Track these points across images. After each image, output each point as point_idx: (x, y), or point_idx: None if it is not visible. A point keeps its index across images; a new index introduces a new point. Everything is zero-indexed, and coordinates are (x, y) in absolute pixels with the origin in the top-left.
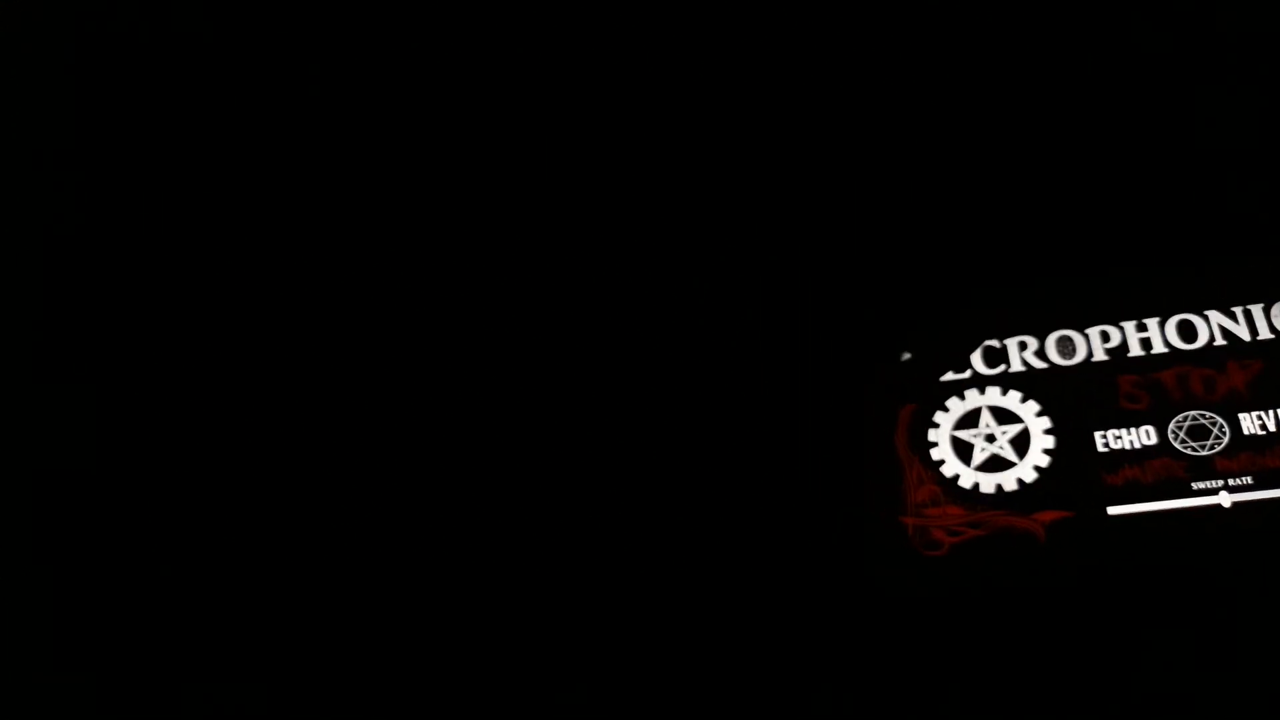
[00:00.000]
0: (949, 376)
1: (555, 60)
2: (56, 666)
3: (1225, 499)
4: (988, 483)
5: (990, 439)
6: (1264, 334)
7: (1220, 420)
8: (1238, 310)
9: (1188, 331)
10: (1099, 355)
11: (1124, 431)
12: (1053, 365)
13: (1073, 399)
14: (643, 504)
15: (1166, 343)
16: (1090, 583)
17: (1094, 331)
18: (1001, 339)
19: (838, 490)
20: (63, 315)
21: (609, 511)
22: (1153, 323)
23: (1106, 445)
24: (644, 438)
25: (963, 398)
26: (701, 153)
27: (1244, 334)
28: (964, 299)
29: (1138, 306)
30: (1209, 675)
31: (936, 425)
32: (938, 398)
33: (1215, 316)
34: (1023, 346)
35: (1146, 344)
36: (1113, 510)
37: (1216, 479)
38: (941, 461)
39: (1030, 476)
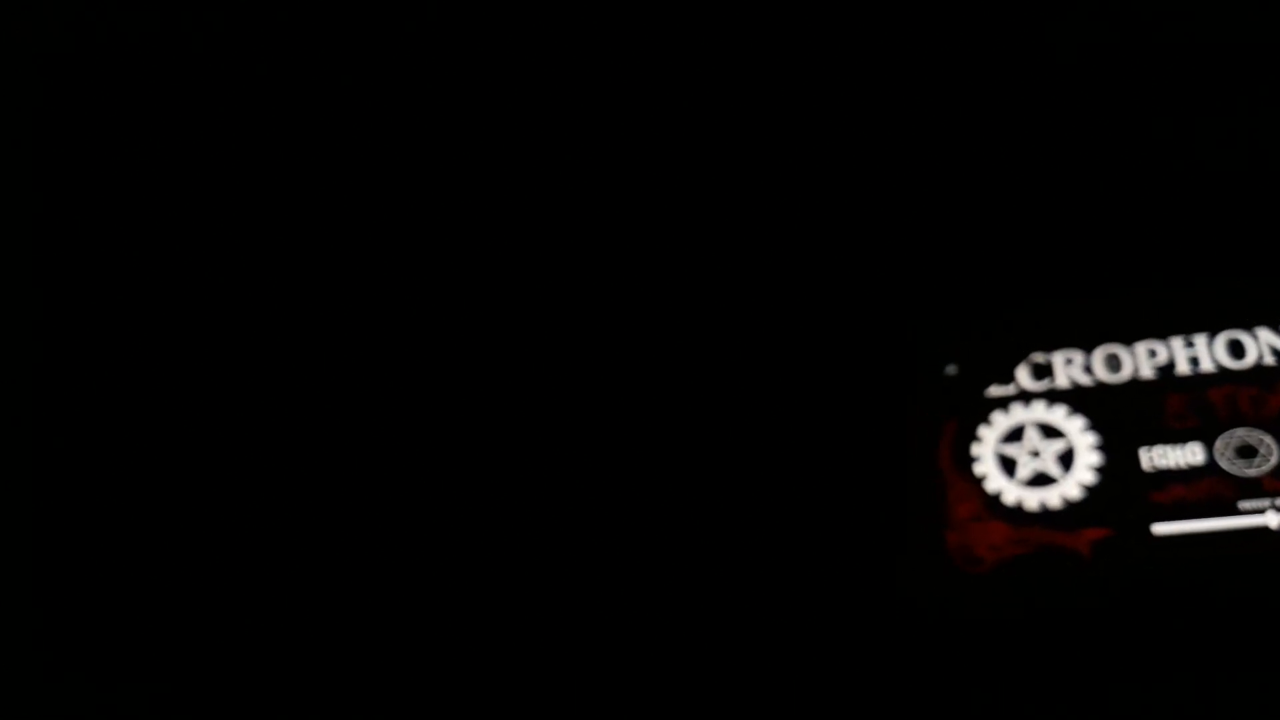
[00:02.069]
0: (994, 391)
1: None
2: (56, 666)
3: (1273, 519)
4: (1032, 499)
5: (1035, 454)
6: None
7: (1268, 439)
8: None
9: (1236, 349)
10: (1146, 372)
11: (1170, 449)
12: (1099, 381)
13: (1119, 416)
14: (683, 516)
15: (1215, 360)
16: (1135, 601)
17: (1141, 348)
18: (1048, 353)
19: (879, 504)
20: (61, 315)
21: (644, 526)
22: (1201, 340)
23: (1152, 463)
24: (688, 447)
25: (1007, 412)
26: (741, 163)
27: None
28: (1010, 313)
29: (1186, 323)
30: (1253, 696)
31: (980, 440)
32: (982, 412)
33: (1265, 334)
34: (1069, 362)
35: (1194, 361)
36: (1158, 529)
37: (1264, 499)
38: (985, 477)
39: (1075, 493)
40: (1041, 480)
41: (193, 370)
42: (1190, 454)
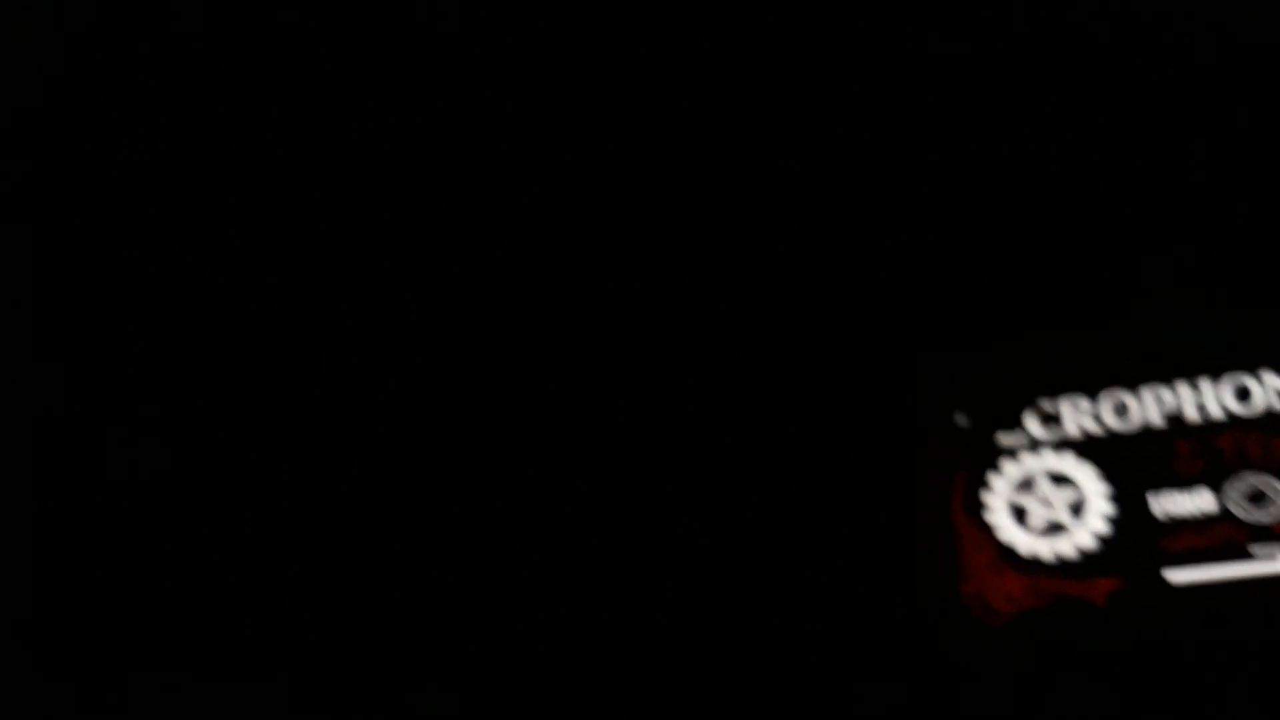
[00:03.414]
0: (1003, 440)
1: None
2: (56, 666)
3: None
4: (1045, 549)
5: (1047, 504)
6: None
7: (1278, 485)
8: None
9: (1243, 395)
10: (1155, 418)
11: (1181, 496)
12: (1108, 429)
13: (1129, 463)
14: (692, 572)
15: (1222, 406)
16: (1149, 650)
17: (1148, 393)
18: (1054, 400)
19: (892, 556)
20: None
21: (653, 577)
22: (1207, 385)
23: (1164, 510)
24: (696, 503)
25: (1018, 460)
26: (747, 201)
27: None
28: (1014, 355)
29: (1192, 366)
30: None
31: (991, 489)
32: (992, 461)
33: (1271, 379)
34: (1077, 409)
35: (1202, 408)
36: (1172, 576)
37: (1277, 544)
38: (997, 527)
39: (1088, 542)
40: (1054, 529)
41: (193, 370)
42: (1201, 500)
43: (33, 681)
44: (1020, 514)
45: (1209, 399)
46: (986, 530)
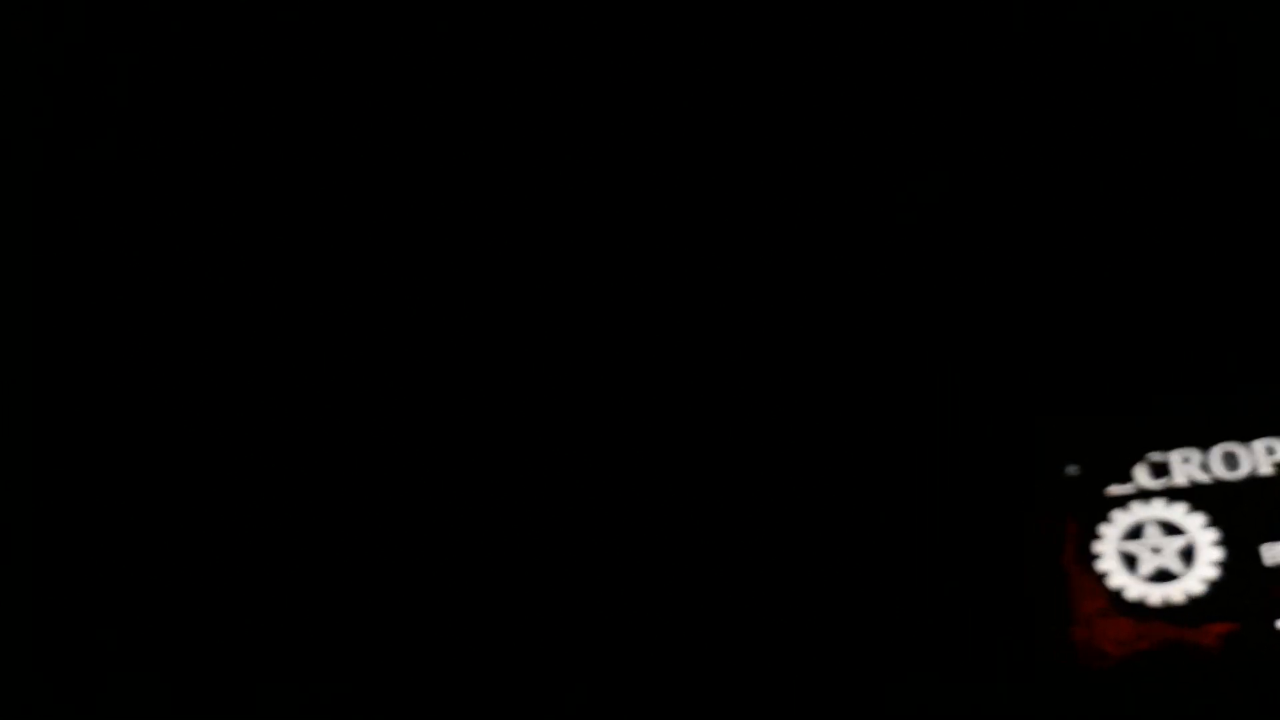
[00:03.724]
0: (1114, 489)
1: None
2: (55, 667)
3: None
4: (1155, 595)
5: (1156, 551)
6: None
7: None
8: None
9: None
10: (1264, 469)
11: None
12: (1217, 479)
13: (1239, 512)
14: (815, 607)
15: None
16: (1258, 696)
17: (1259, 444)
18: (1165, 452)
19: (1004, 603)
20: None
21: (773, 626)
22: None
23: (1275, 559)
24: (812, 542)
25: (1127, 510)
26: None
27: None
28: (1126, 412)
29: None
30: None
31: (1101, 537)
32: (1102, 510)
33: None
34: (1186, 460)
35: None
36: None
37: None
38: (1108, 573)
39: (1198, 589)
40: (1164, 576)
41: (192, 370)
42: None
43: (31, 682)
44: (1130, 561)
45: None
46: (1097, 577)
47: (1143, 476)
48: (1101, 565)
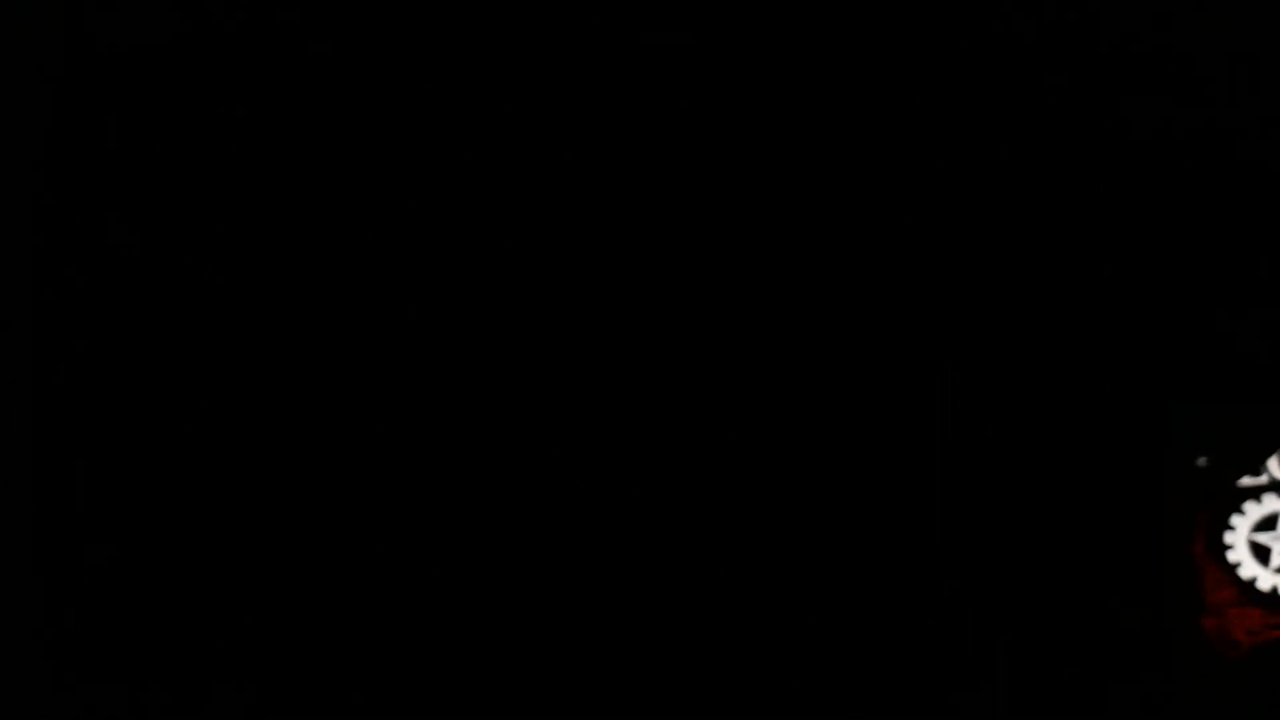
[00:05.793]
0: (1246, 481)
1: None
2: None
3: None
4: None
5: None
6: None
7: None
8: None
9: None
10: None
11: None
12: None
13: None
14: (950, 601)
15: None
16: None
17: None
18: None
19: (1137, 592)
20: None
21: (893, 619)
22: None
23: None
24: (949, 537)
25: (1259, 501)
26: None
27: None
28: (1259, 405)
29: None
30: None
31: (1233, 529)
32: (1235, 502)
33: None
34: None
35: None
36: None
37: None
38: (1239, 564)
39: None
40: None
41: (192, 370)
42: None
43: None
44: (1261, 552)
45: None
46: (1228, 567)
47: (1275, 468)
48: (1233, 556)
